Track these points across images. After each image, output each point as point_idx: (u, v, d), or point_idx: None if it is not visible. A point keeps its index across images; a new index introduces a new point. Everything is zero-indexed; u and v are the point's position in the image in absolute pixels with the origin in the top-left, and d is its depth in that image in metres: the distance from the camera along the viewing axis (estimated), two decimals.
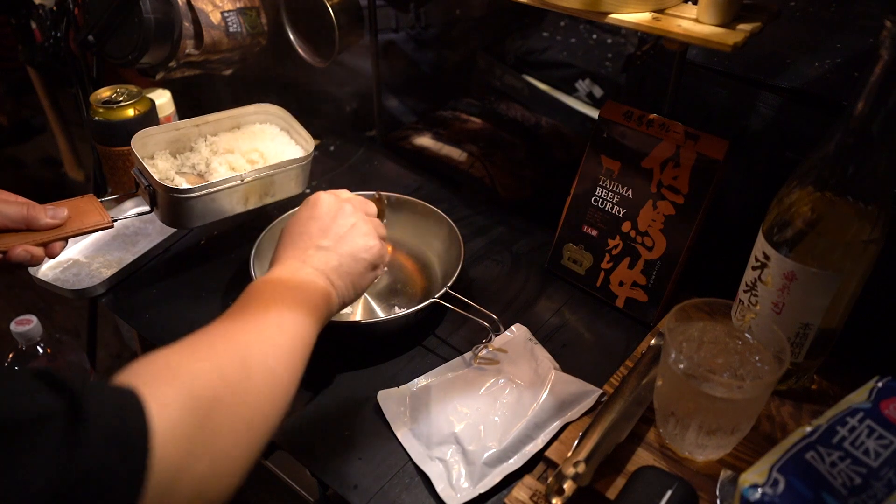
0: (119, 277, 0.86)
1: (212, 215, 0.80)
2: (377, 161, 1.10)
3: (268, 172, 0.81)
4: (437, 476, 0.61)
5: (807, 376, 0.67)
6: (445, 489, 0.60)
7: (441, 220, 0.85)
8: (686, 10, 0.65)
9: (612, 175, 0.80)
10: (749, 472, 0.48)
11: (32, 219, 0.68)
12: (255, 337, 0.48)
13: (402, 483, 0.62)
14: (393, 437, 0.66)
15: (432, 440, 0.64)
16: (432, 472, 0.61)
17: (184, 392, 0.39)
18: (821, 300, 0.59)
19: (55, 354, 1.15)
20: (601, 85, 1.23)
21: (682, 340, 0.59)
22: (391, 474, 0.62)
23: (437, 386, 0.68)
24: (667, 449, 0.62)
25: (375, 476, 0.62)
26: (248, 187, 0.80)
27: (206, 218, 0.79)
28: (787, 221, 0.58)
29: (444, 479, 0.61)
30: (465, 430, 0.63)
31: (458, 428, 0.64)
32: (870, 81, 0.51)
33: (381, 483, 0.62)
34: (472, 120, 1.18)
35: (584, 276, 0.83)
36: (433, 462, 0.62)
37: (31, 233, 0.68)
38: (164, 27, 0.93)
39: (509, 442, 0.62)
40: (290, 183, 0.85)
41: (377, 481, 0.62)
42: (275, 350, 0.48)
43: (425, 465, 0.62)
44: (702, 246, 0.77)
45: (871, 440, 0.48)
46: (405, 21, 1.22)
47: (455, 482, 0.60)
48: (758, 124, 0.76)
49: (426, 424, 0.65)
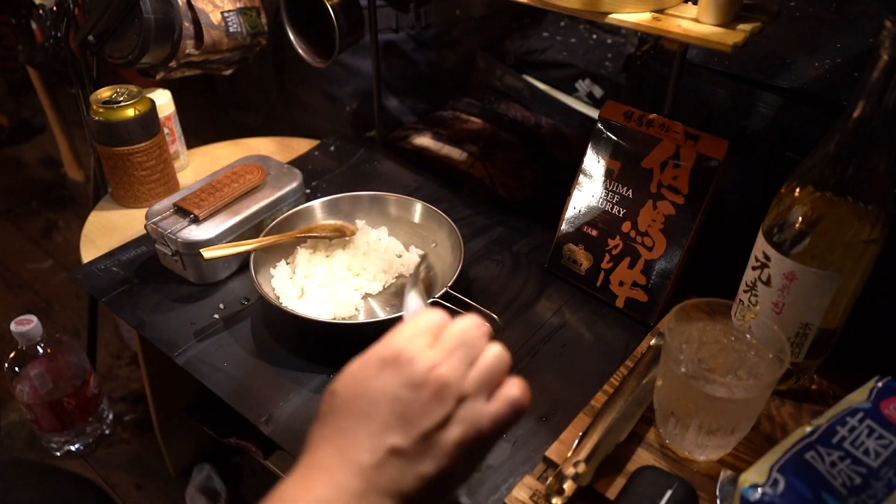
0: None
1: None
2: (377, 161, 1.10)
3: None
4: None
5: (807, 376, 0.67)
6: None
7: (441, 220, 0.85)
8: (686, 10, 0.65)
9: (612, 175, 0.80)
10: (749, 472, 0.48)
11: None
12: None
13: None
14: None
15: None
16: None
17: None
18: (821, 300, 0.59)
19: (55, 354, 1.15)
20: (601, 85, 1.23)
21: (682, 340, 0.59)
22: None
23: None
24: (667, 449, 0.62)
25: None
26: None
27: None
28: (787, 221, 0.58)
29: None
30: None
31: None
32: (870, 81, 0.51)
33: None
34: (472, 120, 1.18)
35: (584, 276, 0.83)
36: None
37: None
38: (164, 27, 0.93)
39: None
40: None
41: None
42: None
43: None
44: (702, 246, 0.77)
45: (870, 440, 0.48)
46: (405, 21, 1.22)
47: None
48: (758, 124, 0.76)
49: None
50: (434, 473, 0.36)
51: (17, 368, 1.13)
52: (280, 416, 0.68)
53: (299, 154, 1.12)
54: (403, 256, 0.86)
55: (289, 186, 0.90)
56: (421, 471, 0.36)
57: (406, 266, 0.85)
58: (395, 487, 0.35)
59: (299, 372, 0.73)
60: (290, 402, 0.70)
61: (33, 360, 1.13)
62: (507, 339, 0.76)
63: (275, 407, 0.69)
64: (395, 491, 0.35)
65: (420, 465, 0.36)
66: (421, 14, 1.22)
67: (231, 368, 0.74)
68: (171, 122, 1.04)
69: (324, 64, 1.00)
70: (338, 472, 0.36)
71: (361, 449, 0.36)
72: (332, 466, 0.36)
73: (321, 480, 0.36)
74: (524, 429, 0.67)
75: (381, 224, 0.89)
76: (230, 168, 0.92)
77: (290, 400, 0.70)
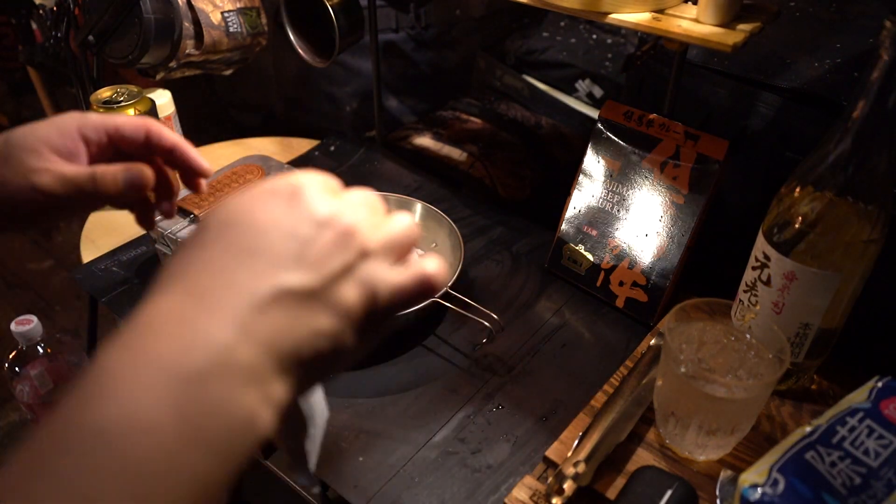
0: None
1: None
2: (377, 161, 1.10)
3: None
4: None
5: (807, 376, 0.67)
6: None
7: (441, 220, 0.85)
8: (686, 10, 0.65)
9: (612, 175, 0.80)
10: (749, 472, 0.48)
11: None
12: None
13: (402, 483, 0.62)
14: (393, 437, 0.66)
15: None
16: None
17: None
18: (821, 300, 0.59)
19: (55, 354, 1.15)
20: (601, 85, 1.23)
21: (682, 340, 0.59)
22: (391, 474, 0.62)
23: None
24: (667, 449, 0.62)
25: (375, 476, 0.62)
26: None
27: None
28: (787, 221, 0.58)
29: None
30: None
31: None
32: (870, 81, 0.51)
33: (381, 483, 0.62)
34: (472, 120, 1.18)
35: (584, 276, 0.83)
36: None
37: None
38: (164, 27, 0.93)
39: None
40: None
41: (377, 481, 0.62)
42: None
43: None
44: (702, 246, 0.77)
45: (870, 440, 0.48)
46: (405, 21, 1.22)
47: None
48: (758, 124, 0.76)
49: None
50: (328, 332, 0.28)
51: (17, 368, 1.13)
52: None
53: (299, 154, 1.12)
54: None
55: None
56: (315, 324, 0.28)
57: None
58: (279, 341, 0.27)
59: None
60: None
61: (33, 360, 1.13)
62: (507, 339, 0.76)
63: None
64: (278, 346, 0.27)
65: (315, 317, 0.28)
66: (421, 14, 1.22)
67: None
68: (171, 122, 1.04)
69: (324, 64, 1.00)
70: (198, 319, 0.26)
71: (239, 289, 0.27)
72: (189, 313, 0.26)
73: (169, 333, 0.26)
74: (524, 429, 0.67)
75: None
76: (230, 168, 0.92)
77: None
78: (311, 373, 0.29)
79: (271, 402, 0.27)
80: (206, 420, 0.25)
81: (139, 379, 0.25)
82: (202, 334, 0.26)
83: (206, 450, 0.25)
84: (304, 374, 0.28)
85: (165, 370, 0.25)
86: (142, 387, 0.25)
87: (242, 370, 0.26)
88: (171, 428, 0.24)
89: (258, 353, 0.26)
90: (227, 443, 0.26)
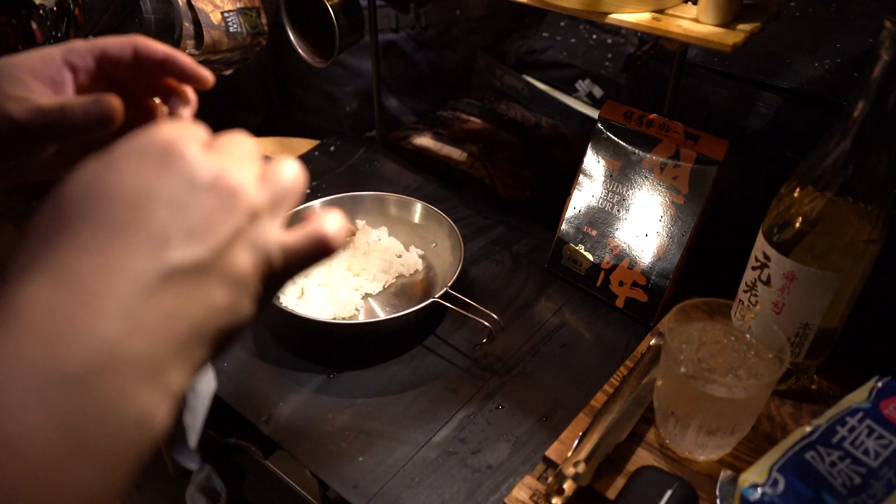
0: None
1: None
2: (377, 161, 1.10)
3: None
4: None
5: (807, 376, 0.67)
6: None
7: (441, 220, 0.85)
8: (686, 10, 0.65)
9: (612, 175, 0.80)
10: (749, 471, 0.48)
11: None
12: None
13: (402, 483, 0.62)
14: (393, 437, 0.66)
15: None
16: None
17: None
18: (821, 300, 0.59)
19: None
20: (601, 85, 1.23)
21: (682, 340, 0.59)
22: (391, 474, 0.62)
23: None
24: (667, 449, 0.62)
25: (375, 476, 0.62)
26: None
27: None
28: (787, 221, 0.58)
29: None
30: None
31: None
32: (870, 81, 0.51)
33: (381, 483, 0.62)
34: (472, 120, 1.18)
35: (584, 276, 0.83)
36: None
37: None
38: (164, 27, 0.93)
39: None
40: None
41: (377, 481, 0.62)
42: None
43: None
44: (702, 246, 0.77)
45: (870, 440, 0.48)
46: (405, 21, 1.22)
47: None
48: (758, 124, 0.76)
49: None
50: (224, 305, 0.26)
51: None
52: (280, 416, 0.68)
53: (299, 154, 1.12)
54: (403, 256, 0.86)
55: None
56: (210, 300, 0.25)
57: (406, 266, 0.85)
58: (173, 325, 0.24)
59: (299, 372, 0.73)
60: (290, 402, 0.70)
61: None
62: (507, 339, 0.76)
63: (275, 407, 0.69)
64: (173, 330, 0.24)
65: (209, 292, 0.25)
66: (421, 14, 1.22)
67: (231, 368, 0.74)
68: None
69: (324, 64, 1.00)
70: (75, 312, 0.22)
71: (119, 273, 0.23)
72: (63, 305, 0.23)
73: (40, 331, 0.22)
74: (524, 429, 0.67)
75: (381, 224, 0.89)
76: None
77: (290, 400, 0.70)
78: (210, 350, 0.26)
79: (168, 393, 0.24)
80: (92, 427, 0.22)
81: (7, 386, 0.21)
82: (82, 329, 0.22)
83: (94, 460, 0.22)
84: (203, 352, 0.26)
85: (39, 375, 0.21)
86: (10, 395, 0.21)
87: (134, 365, 0.23)
88: (49, 441, 0.21)
89: (151, 342, 0.23)
90: (118, 449, 0.23)
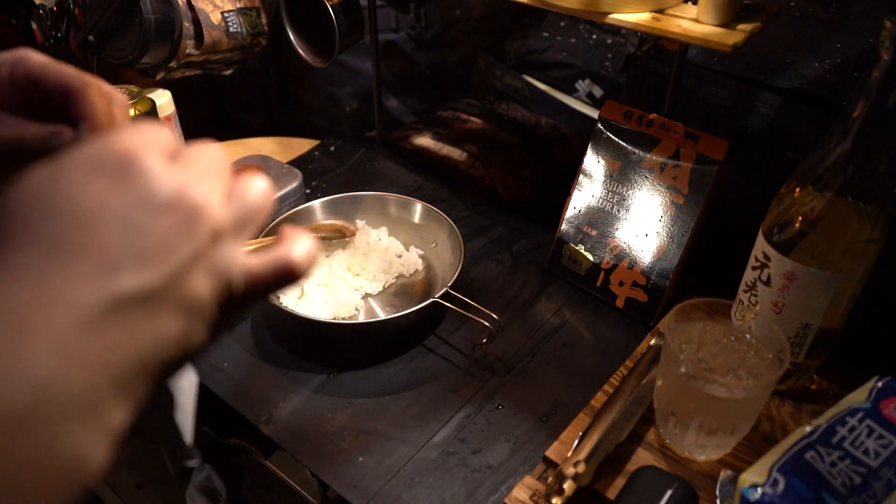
0: None
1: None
2: (377, 161, 1.10)
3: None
4: None
5: (807, 376, 0.67)
6: None
7: (441, 220, 0.85)
8: (686, 10, 0.65)
9: (612, 175, 0.80)
10: (749, 471, 0.48)
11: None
12: None
13: (402, 483, 0.62)
14: (393, 437, 0.66)
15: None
16: None
17: None
18: (821, 300, 0.59)
19: None
20: (601, 85, 1.23)
21: (682, 340, 0.59)
22: (391, 474, 0.62)
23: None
24: (667, 449, 0.62)
25: (375, 476, 0.62)
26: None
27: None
28: (787, 221, 0.58)
29: None
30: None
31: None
32: (870, 81, 0.51)
33: (381, 483, 0.62)
34: (472, 120, 1.18)
35: (584, 276, 0.83)
36: None
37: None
38: (164, 27, 0.93)
39: None
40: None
41: (377, 481, 0.62)
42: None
43: None
44: (702, 246, 0.77)
45: (870, 440, 0.48)
46: (405, 21, 1.22)
47: None
48: (758, 124, 0.76)
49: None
50: (175, 336, 0.24)
51: None
52: (280, 416, 0.68)
53: (299, 154, 1.12)
54: (403, 256, 0.86)
55: (289, 186, 0.91)
56: (159, 330, 0.23)
57: (406, 266, 0.85)
58: (116, 359, 0.22)
59: (299, 372, 0.73)
60: (290, 402, 0.70)
61: None
62: (508, 339, 0.76)
63: (275, 407, 0.69)
64: (115, 365, 0.22)
65: (159, 322, 0.23)
66: (421, 14, 1.22)
67: (231, 368, 0.74)
68: (171, 122, 1.04)
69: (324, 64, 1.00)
70: (6, 348, 0.20)
71: (61, 303, 0.21)
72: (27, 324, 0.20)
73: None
74: (524, 429, 0.67)
75: (381, 224, 0.89)
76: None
77: (290, 400, 0.70)
78: (154, 382, 0.24)
79: (107, 433, 0.22)
80: (22, 473, 0.20)
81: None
82: (13, 367, 0.20)
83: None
84: (147, 386, 0.24)
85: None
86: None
87: (70, 405, 0.21)
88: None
89: (88, 380, 0.21)
90: (50, 495, 0.21)
